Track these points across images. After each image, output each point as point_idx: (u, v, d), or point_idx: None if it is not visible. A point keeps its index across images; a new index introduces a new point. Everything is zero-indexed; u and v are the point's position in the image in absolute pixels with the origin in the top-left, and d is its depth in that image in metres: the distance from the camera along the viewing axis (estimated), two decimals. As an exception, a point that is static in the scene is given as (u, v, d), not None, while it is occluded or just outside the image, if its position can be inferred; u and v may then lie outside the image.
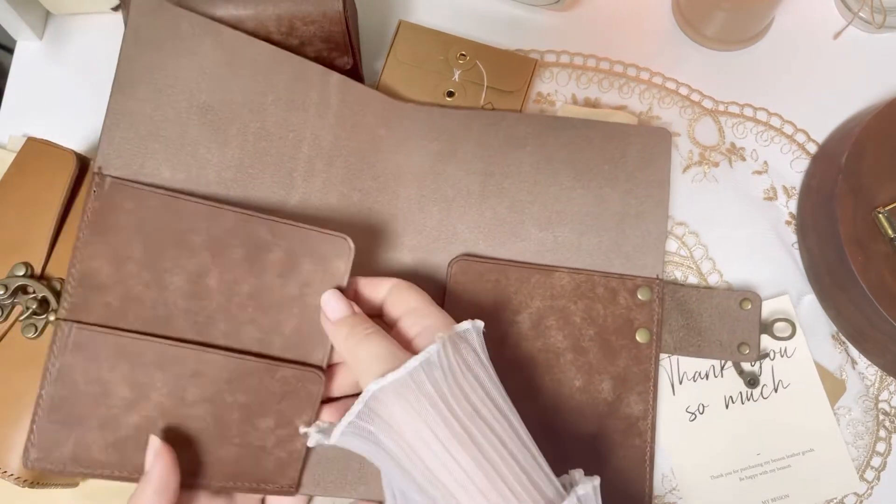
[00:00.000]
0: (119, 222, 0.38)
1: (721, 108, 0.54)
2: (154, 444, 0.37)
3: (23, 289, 0.41)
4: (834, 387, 0.49)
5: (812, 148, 0.53)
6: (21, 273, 0.41)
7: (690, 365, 0.48)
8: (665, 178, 0.49)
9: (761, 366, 0.48)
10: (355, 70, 0.48)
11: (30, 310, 0.41)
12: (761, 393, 0.48)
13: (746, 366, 0.48)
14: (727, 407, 0.48)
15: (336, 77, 0.46)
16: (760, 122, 0.53)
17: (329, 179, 0.45)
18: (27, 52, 0.53)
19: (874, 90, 0.54)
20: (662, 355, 0.48)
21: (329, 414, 0.41)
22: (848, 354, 0.49)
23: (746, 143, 0.53)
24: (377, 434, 0.34)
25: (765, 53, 0.55)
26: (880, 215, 0.46)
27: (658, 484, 0.47)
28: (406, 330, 0.38)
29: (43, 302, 0.41)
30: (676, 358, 0.48)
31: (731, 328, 0.47)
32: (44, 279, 0.42)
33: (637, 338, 0.46)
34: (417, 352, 0.35)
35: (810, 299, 0.50)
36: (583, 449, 0.45)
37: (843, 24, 0.55)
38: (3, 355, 0.41)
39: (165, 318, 0.38)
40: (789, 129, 0.53)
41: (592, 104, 0.53)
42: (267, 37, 0.44)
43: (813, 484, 0.47)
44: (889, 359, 0.48)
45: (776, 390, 0.48)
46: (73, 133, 0.50)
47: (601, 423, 0.45)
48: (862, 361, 0.49)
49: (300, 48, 0.45)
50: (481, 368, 0.36)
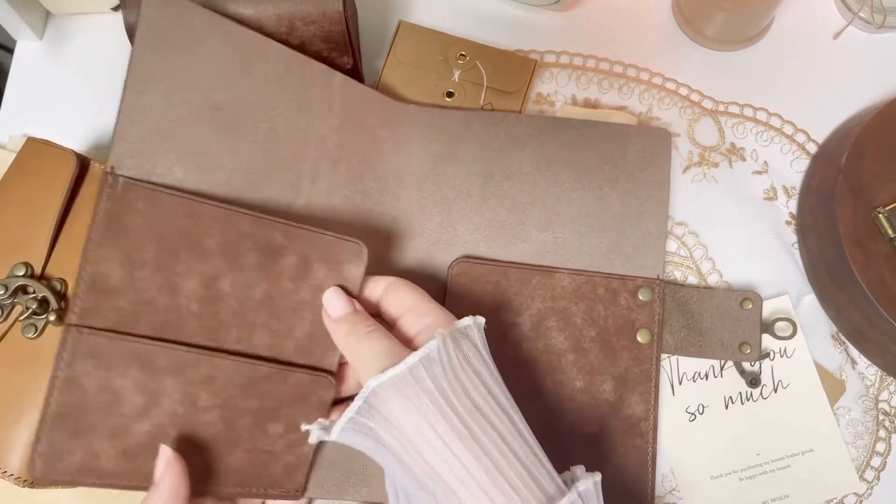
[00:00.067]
0: (131, 224, 0.37)
1: (721, 109, 0.54)
2: (165, 454, 0.36)
3: (23, 289, 0.41)
4: (834, 387, 0.49)
5: (812, 148, 0.53)
6: (21, 273, 0.41)
7: (690, 365, 0.48)
8: (665, 179, 0.49)
9: (761, 366, 0.48)
10: (355, 70, 0.48)
11: (30, 310, 0.41)
12: (761, 393, 0.48)
13: (747, 365, 0.48)
14: (727, 407, 0.48)
15: (339, 77, 0.45)
16: (760, 123, 0.53)
17: (333, 181, 0.44)
18: (27, 52, 0.53)
19: (874, 90, 0.54)
20: (662, 356, 0.48)
21: (336, 414, 0.40)
22: (848, 354, 0.49)
23: (746, 144, 0.53)
24: (377, 430, 0.34)
25: (765, 53, 0.55)
26: (880, 215, 0.46)
27: (658, 484, 0.47)
28: (406, 328, 0.38)
29: (43, 302, 0.41)
30: (676, 358, 0.48)
31: (733, 328, 0.47)
32: (44, 279, 0.42)
33: (638, 338, 0.46)
34: (418, 349, 0.35)
35: (810, 299, 0.50)
36: (585, 449, 0.45)
37: (843, 24, 0.55)
38: (3, 355, 0.41)
39: (178, 324, 0.37)
40: (789, 129, 0.53)
41: (592, 105, 0.53)
42: (267, 37, 0.44)
43: (813, 484, 0.47)
44: (889, 359, 0.48)
45: (776, 390, 0.48)
46: (73, 133, 0.50)
47: (603, 424, 0.45)
48: (862, 361, 0.49)
49: (300, 48, 0.45)
50: (482, 364, 0.36)
